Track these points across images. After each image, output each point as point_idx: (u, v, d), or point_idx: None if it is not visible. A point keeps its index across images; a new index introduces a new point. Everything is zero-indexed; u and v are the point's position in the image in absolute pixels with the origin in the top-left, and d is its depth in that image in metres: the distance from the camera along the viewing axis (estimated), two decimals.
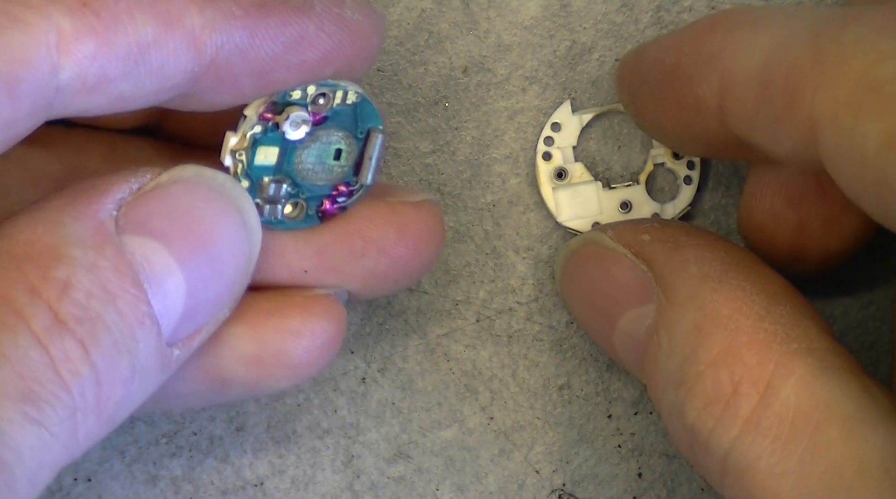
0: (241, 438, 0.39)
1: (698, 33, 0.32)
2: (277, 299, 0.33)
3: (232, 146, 0.32)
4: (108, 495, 0.39)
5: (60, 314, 0.27)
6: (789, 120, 0.29)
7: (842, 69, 0.27)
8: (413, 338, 0.39)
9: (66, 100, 0.28)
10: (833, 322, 0.39)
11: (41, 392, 0.26)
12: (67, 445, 0.27)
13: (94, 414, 0.27)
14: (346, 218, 0.33)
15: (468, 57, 0.39)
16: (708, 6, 0.39)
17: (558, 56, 0.39)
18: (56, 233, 0.28)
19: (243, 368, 0.32)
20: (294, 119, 0.32)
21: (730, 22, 0.31)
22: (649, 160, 0.39)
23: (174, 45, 0.29)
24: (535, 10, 0.39)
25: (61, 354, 0.27)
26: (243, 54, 0.30)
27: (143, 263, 0.29)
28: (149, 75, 0.29)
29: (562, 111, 0.39)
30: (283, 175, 0.32)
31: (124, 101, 0.29)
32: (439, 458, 0.39)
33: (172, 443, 0.39)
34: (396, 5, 0.39)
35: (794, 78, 0.29)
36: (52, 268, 0.27)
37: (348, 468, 0.39)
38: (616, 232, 0.35)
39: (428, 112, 0.39)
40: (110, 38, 0.28)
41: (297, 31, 0.30)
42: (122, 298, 0.28)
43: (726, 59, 0.31)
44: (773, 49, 0.29)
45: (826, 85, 0.28)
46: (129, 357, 0.28)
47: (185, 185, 0.30)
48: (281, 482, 0.39)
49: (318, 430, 0.39)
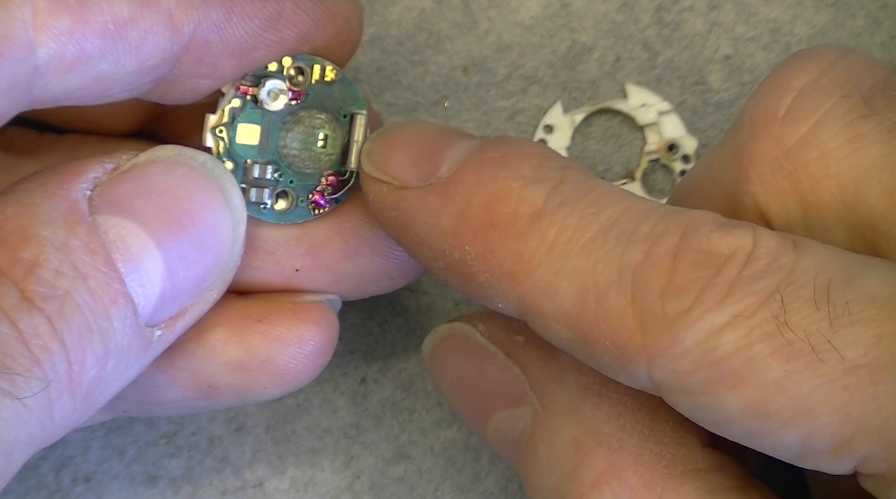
0: (240, 438, 0.39)
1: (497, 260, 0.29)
2: (267, 305, 0.33)
3: (212, 124, 0.32)
4: (107, 496, 0.38)
5: (27, 292, 0.27)
6: (622, 373, 0.27)
7: (676, 344, 0.26)
8: (413, 338, 0.39)
9: (45, 80, 0.28)
10: None
11: (13, 365, 0.26)
12: (42, 421, 0.27)
13: (68, 392, 0.27)
14: (339, 215, 0.33)
15: (468, 57, 0.39)
16: (708, 6, 0.39)
17: (558, 56, 0.39)
18: (26, 213, 0.28)
19: (230, 374, 0.32)
20: (271, 88, 0.32)
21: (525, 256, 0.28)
22: (644, 156, 0.39)
23: (150, 22, 0.29)
24: (535, 10, 0.39)
25: (31, 330, 0.26)
26: (221, 32, 0.30)
27: (117, 242, 0.28)
28: (127, 53, 0.29)
29: (553, 113, 0.39)
30: (267, 158, 0.32)
31: (104, 83, 0.29)
32: (440, 458, 0.39)
33: (172, 443, 0.39)
34: (396, 5, 0.39)
35: (619, 342, 0.26)
36: (20, 249, 0.27)
37: (348, 468, 0.39)
38: (488, 328, 0.32)
39: (428, 112, 0.39)
40: (86, 15, 0.28)
41: (274, 7, 0.30)
42: (93, 277, 0.28)
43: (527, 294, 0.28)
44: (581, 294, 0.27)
45: (663, 358, 0.26)
46: (101, 336, 0.28)
47: (164, 164, 0.30)
48: (281, 483, 0.39)
49: (318, 430, 0.39)
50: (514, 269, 0.28)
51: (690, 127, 0.40)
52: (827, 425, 0.25)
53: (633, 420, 0.29)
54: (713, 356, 0.25)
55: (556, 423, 0.30)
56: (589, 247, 0.27)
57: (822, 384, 0.25)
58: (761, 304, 0.25)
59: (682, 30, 0.39)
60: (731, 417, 0.26)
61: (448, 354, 0.33)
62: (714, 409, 0.26)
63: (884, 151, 0.27)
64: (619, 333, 0.26)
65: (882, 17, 0.40)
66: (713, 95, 0.40)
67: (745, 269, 0.26)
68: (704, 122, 0.40)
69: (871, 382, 0.25)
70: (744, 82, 0.40)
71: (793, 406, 0.25)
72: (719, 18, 0.40)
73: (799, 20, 0.40)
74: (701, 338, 0.25)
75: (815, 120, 0.28)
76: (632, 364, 0.26)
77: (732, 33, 0.40)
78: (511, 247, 0.28)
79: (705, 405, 0.26)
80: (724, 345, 0.25)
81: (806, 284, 0.25)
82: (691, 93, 0.40)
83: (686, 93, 0.40)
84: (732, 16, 0.40)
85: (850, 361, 0.25)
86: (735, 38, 0.40)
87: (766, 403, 0.25)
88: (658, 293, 0.26)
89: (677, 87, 0.40)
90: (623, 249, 0.27)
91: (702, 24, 0.39)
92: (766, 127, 0.29)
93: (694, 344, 0.25)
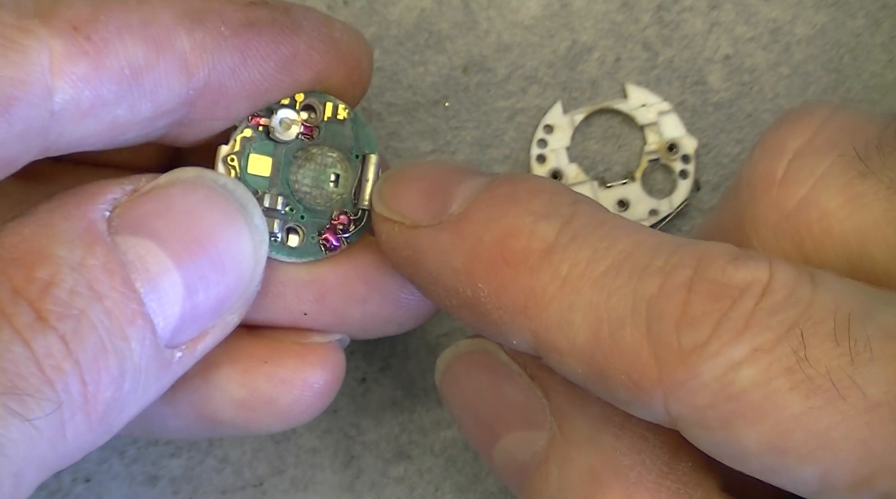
0: (240, 438, 0.39)
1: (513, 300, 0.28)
2: (273, 346, 0.33)
3: (224, 153, 0.32)
4: (107, 496, 0.38)
5: (41, 312, 0.27)
6: (638, 406, 0.27)
7: (693, 378, 0.25)
8: (413, 338, 0.39)
9: (60, 126, 0.28)
10: None
11: (24, 386, 0.26)
12: (55, 442, 0.27)
13: (83, 412, 0.27)
14: (350, 259, 0.33)
15: (468, 57, 0.39)
16: (708, 6, 0.39)
17: (558, 56, 0.39)
18: (44, 233, 0.28)
19: (233, 411, 0.32)
20: (283, 117, 0.32)
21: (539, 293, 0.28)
22: (644, 156, 0.39)
23: (165, 67, 0.29)
24: (535, 10, 0.39)
25: (44, 349, 0.26)
26: (236, 75, 0.30)
27: (136, 262, 0.28)
28: (142, 98, 0.29)
29: (553, 113, 0.39)
30: (279, 191, 0.32)
31: (120, 129, 0.29)
32: (440, 458, 0.39)
33: (172, 443, 0.39)
34: (396, 5, 0.39)
35: (635, 376, 0.26)
36: (36, 268, 0.27)
37: (348, 468, 0.39)
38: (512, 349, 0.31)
39: (428, 112, 0.39)
40: (103, 61, 0.28)
41: (288, 49, 0.31)
42: (109, 297, 0.28)
43: (541, 329, 0.28)
44: (595, 328, 0.27)
45: (680, 392, 0.26)
46: (117, 356, 0.28)
47: (184, 186, 0.30)
48: (281, 482, 0.39)
49: (318, 430, 0.39)
50: (527, 304, 0.28)
51: (690, 127, 0.40)
52: (846, 461, 0.25)
53: (653, 456, 0.29)
54: (731, 391, 0.25)
55: (573, 450, 0.29)
56: (602, 281, 0.27)
57: (843, 421, 0.25)
58: (780, 338, 0.25)
59: (682, 30, 0.39)
60: (750, 452, 0.26)
61: (466, 369, 0.33)
62: (732, 444, 0.26)
63: (884, 208, 0.27)
64: (634, 367, 0.26)
65: (882, 17, 0.40)
66: (713, 95, 0.40)
67: (762, 301, 0.25)
68: (704, 122, 0.40)
69: (893, 419, 0.24)
70: (744, 82, 0.40)
71: (812, 442, 0.25)
72: (719, 18, 0.39)
73: (799, 20, 0.40)
74: (719, 372, 0.25)
75: (813, 181, 0.28)
76: (648, 398, 0.26)
77: (732, 33, 0.39)
78: (524, 283, 0.28)
79: (723, 440, 0.26)
80: (742, 379, 0.25)
81: (825, 319, 0.25)
82: (691, 93, 0.40)
83: (686, 93, 0.40)
84: (732, 16, 0.40)
85: (872, 399, 0.24)
86: (735, 38, 0.40)
87: (784, 438, 0.25)
88: (673, 326, 0.26)
89: (677, 87, 0.40)
90: (636, 283, 0.27)
91: (702, 24, 0.39)
92: (765, 190, 0.29)
93: (712, 378, 0.25)
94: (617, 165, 0.40)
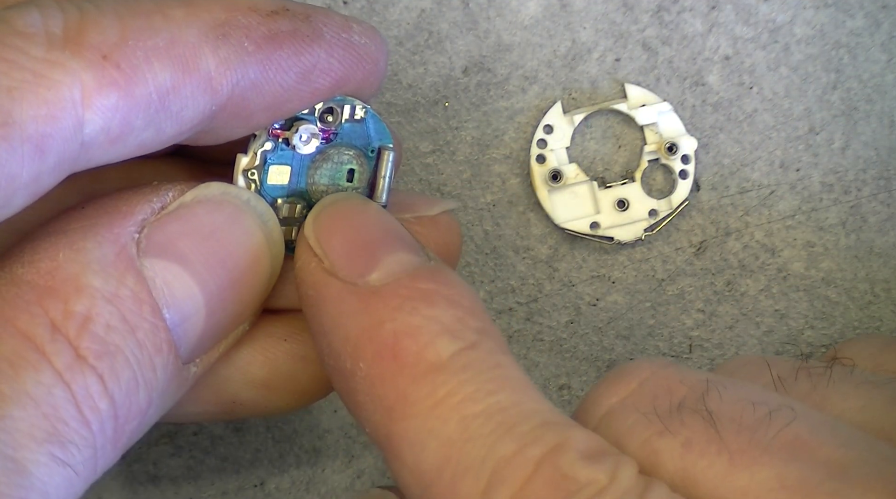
0: (241, 437, 0.39)
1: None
2: (292, 324, 0.33)
3: (244, 166, 0.32)
4: (107, 495, 0.38)
5: (80, 350, 0.27)
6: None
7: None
8: None
9: (89, 154, 0.28)
10: (833, 322, 0.40)
11: (66, 432, 0.26)
12: (88, 480, 0.27)
13: (112, 445, 0.28)
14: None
15: (468, 57, 0.39)
16: (708, 6, 0.39)
17: (558, 56, 0.39)
18: (78, 260, 0.28)
19: (254, 391, 0.32)
20: (303, 132, 0.32)
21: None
22: (643, 156, 0.39)
23: (192, 88, 0.29)
24: (535, 10, 0.39)
25: (83, 391, 0.27)
26: (258, 89, 0.30)
27: (163, 288, 0.29)
28: (168, 120, 0.29)
29: (553, 113, 0.39)
30: (296, 196, 0.32)
31: (144, 149, 0.29)
32: None
33: (172, 443, 0.39)
34: (396, 5, 0.39)
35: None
36: (73, 301, 0.27)
37: (348, 468, 0.39)
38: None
39: (428, 112, 0.39)
40: (132, 89, 0.28)
41: (309, 60, 0.30)
42: (141, 329, 0.28)
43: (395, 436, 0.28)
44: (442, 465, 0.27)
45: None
46: (146, 388, 0.28)
47: (210, 205, 0.30)
48: (281, 482, 0.39)
49: (318, 430, 0.39)
50: (394, 406, 0.27)
51: (690, 127, 0.40)
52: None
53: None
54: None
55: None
56: (469, 422, 0.27)
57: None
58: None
59: (682, 30, 0.39)
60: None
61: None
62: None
63: (677, 467, 0.27)
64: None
65: (882, 17, 0.40)
66: (712, 95, 0.40)
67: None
68: (704, 122, 0.40)
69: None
70: (743, 82, 0.40)
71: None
72: (719, 18, 0.40)
73: (799, 20, 0.40)
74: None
75: (616, 438, 0.28)
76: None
77: (732, 33, 0.40)
78: (401, 385, 0.28)
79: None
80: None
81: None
82: (690, 93, 0.40)
83: (685, 93, 0.40)
84: (732, 16, 0.40)
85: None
86: (735, 38, 0.40)
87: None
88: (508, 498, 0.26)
89: (676, 88, 0.40)
90: (496, 440, 0.27)
91: (701, 25, 0.39)
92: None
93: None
94: (616, 165, 0.40)
